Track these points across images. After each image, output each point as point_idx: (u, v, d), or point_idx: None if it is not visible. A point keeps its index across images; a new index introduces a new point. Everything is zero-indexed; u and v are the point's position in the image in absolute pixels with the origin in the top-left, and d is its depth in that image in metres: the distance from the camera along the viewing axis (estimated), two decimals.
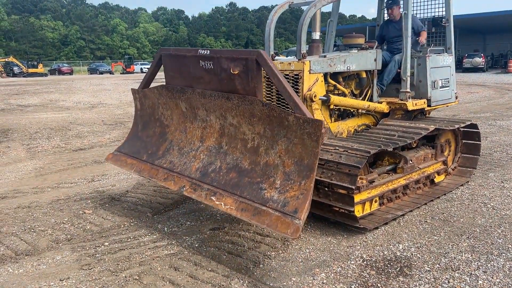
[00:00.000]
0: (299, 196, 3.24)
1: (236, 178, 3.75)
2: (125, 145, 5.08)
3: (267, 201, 3.38)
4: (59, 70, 50.53)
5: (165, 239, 4.09)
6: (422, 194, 5.17)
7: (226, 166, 3.90)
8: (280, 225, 3.18)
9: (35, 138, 9.62)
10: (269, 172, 3.56)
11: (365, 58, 5.17)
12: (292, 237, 3.08)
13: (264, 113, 3.57)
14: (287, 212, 3.21)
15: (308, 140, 3.31)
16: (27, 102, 17.85)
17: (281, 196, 3.35)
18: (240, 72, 3.66)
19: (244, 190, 3.61)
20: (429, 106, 5.66)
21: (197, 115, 4.32)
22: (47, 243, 4.05)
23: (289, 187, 3.36)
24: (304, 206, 3.16)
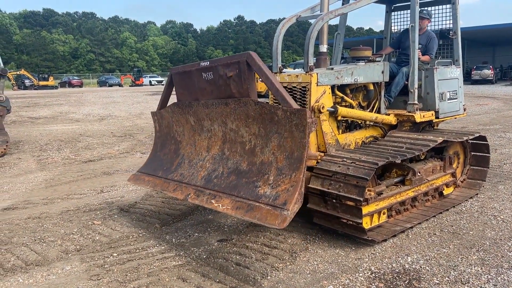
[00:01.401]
0: (289, 188, 3.33)
1: (235, 180, 3.84)
2: (145, 165, 5.17)
3: (260, 197, 3.47)
4: (69, 83, 51.22)
5: (173, 250, 4.11)
6: (431, 206, 5.14)
7: (227, 171, 4.00)
8: (269, 218, 3.26)
9: (45, 149, 9.73)
10: (264, 170, 3.66)
11: (373, 70, 5.20)
12: (279, 227, 3.14)
13: (257, 112, 3.69)
14: (277, 205, 3.29)
15: (296, 131, 3.39)
16: (37, 114, 18.08)
17: (273, 191, 3.44)
18: (234, 76, 3.80)
19: (241, 190, 3.70)
20: (437, 118, 5.65)
21: (204, 126, 4.41)
22: (56, 254, 4.08)
23: (281, 181, 3.44)
24: (293, 197, 3.22)
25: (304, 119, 3.31)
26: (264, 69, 3.57)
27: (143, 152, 9.25)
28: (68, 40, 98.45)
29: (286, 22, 4.97)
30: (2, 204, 5.70)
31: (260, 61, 3.61)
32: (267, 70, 3.59)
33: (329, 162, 4.35)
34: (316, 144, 4.72)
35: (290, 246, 4.14)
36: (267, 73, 3.58)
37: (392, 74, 5.75)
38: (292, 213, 3.17)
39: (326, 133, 4.69)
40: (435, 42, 5.91)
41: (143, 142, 10.58)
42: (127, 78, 58.28)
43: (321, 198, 4.24)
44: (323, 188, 4.18)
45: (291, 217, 3.16)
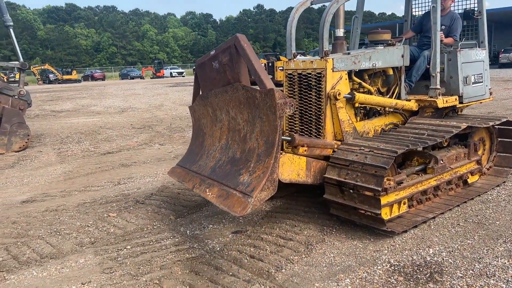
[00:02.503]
0: (260, 175, 3.25)
1: (229, 168, 3.79)
2: (182, 159, 5.16)
3: (238, 185, 3.42)
4: (92, 76, 51.95)
5: (187, 243, 4.05)
6: (455, 195, 4.93)
7: (227, 160, 3.95)
8: (235, 205, 3.21)
9: (66, 142, 9.84)
10: (249, 157, 3.59)
11: (392, 54, 4.98)
12: (238, 214, 3.08)
13: (245, 97, 3.60)
14: (246, 192, 3.23)
15: (270, 114, 3.29)
16: (60, 107, 18.37)
17: (249, 178, 3.37)
18: (227, 61, 3.72)
19: (229, 178, 3.65)
20: (460, 103, 5.40)
21: (217, 117, 4.33)
22: (71, 246, 4.07)
23: (257, 167, 3.37)
24: (260, 184, 3.15)
25: (273, 100, 3.20)
26: (248, 50, 3.45)
27: (161, 143, 9.24)
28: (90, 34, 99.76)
29: (299, 6, 4.79)
30: (22, 196, 5.76)
31: (246, 42, 3.50)
32: (250, 51, 3.47)
33: (346, 151, 4.19)
34: (332, 133, 4.56)
35: (306, 238, 4.02)
36: (249, 54, 3.45)
37: (413, 58, 5.52)
38: (257, 200, 3.09)
39: (343, 121, 4.53)
40: (459, 23, 5.63)
41: (161, 133, 10.58)
42: (148, 70, 58.73)
43: (338, 188, 4.09)
44: (340, 178, 4.04)
45: (254, 204, 3.08)
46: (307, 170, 4.20)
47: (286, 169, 4.02)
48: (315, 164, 4.29)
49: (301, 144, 4.21)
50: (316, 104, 4.54)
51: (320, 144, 4.37)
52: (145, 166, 7.17)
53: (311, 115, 4.62)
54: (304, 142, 4.24)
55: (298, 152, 4.21)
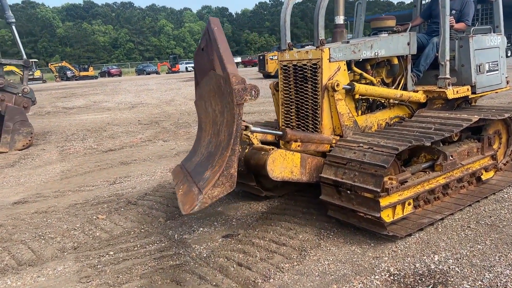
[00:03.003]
0: (217, 169, 2.98)
1: (205, 163, 3.53)
2: (186, 157, 4.94)
3: (200, 181, 3.18)
4: (108, 72, 52.32)
5: (172, 248, 3.79)
6: (466, 194, 4.55)
7: (206, 155, 3.70)
8: (187, 202, 2.98)
9: (70, 140, 9.72)
10: (217, 151, 3.33)
11: (396, 42, 4.60)
12: (184, 212, 2.85)
13: (217, 85, 3.33)
14: (201, 188, 3.00)
15: (230, 102, 3.00)
16: (72, 104, 18.38)
17: (209, 172, 3.13)
18: (205, 47, 3.39)
19: (199, 174, 3.41)
20: (473, 93, 4.99)
21: (207, 109, 4.08)
22: (52, 252, 3.86)
23: (217, 161, 3.12)
24: (213, 180, 2.86)
25: (230, 85, 2.88)
26: (217, 33, 3.13)
27: (165, 140, 9.02)
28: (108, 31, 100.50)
29: None
30: (15, 197, 5.61)
31: (216, 25, 3.20)
32: (219, 34, 3.15)
33: (343, 148, 3.86)
34: (331, 127, 4.24)
35: (300, 243, 3.72)
36: (217, 36, 3.13)
37: (422, 46, 5.13)
38: (208, 198, 2.82)
39: (342, 114, 4.19)
40: (471, 7, 5.20)
41: (167, 129, 10.37)
42: (163, 65, 58.81)
43: (335, 189, 3.77)
44: (337, 178, 3.72)
45: (204, 202, 2.81)
46: (302, 167, 3.90)
47: (278, 166, 3.72)
48: (311, 161, 3.97)
49: (294, 139, 3.91)
50: (313, 97, 4.21)
51: (316, 139, 4.06)
52: (145, 164, 6.95)
53: (308, 109, 4.30)
54: (297, 136, 3.94)
55: (291, 147, 3.91)
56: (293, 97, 4.43)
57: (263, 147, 3.93)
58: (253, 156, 3.92)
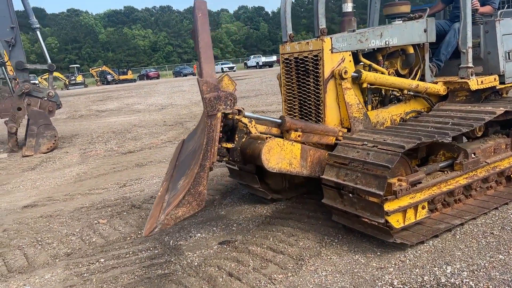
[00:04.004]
0: (185, 185, 2.72)
1: (188, 163, 3.32)
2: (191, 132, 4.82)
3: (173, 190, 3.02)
4: (147, 75, 53.35)
5: (164, 256, 3.58)
6: (494, 195, 4.08)
7: (193, 150, 3.47)
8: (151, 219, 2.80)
9: (94, 142, 9.79)
10: (196, 155, 3.08)
11: (411, 30, 4.19)
12: (144, 235, 2.69)
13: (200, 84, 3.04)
14: (167, 203, 2.82)
15: (204, 110, 2.75)
16: (105, 107, 18.73)
17: (181, 184, 2.91)
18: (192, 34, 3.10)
19: (177, 176, 3.25)
20: (502, 83, 4.48)
21: None
22: (45, 259, 3.75)
23: (187, 175, 2.90)
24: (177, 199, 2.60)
25: (202, 93, 2.58)
26: (200, 21, 2.76)
27: None
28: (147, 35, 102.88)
29: None
30: (26, 201, 5.60)
31: (202, 10, 2.81)
32: (202, 22, 2.78)
33: (346, 147, 3.52)
34: (338, 118, 3.88)
35: (300, 251, 3.41)
36: (200, 25, 2.76)
37: (444, 32, 4.68)
38: (170, 219, 2.53)
39: (351, 105, 3.83)
40: None
41: (190, 130, 10.24)
42: None
43: (337, 192, 3.44)
44: (338, 180, 3.38)
45: (165, 223, 2.54)
46: (302, 160, 3.57)
47: (274, 156, 3.41)
48: (313, 153, 3.64)
49: (294, 128, 3.60)
50: (315, 91, 3.88)
51: (319, 130, 3.72)
52: (159, 166, 6.82)
53: (310, 104, 3.97)
54: (297, 125, 3.62)
55: (290, 137, 3.60)
56: (296, 92, 4.12)
57: (260, 135, 3.59)
58: (249, 146, 3.57)
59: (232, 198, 4.90)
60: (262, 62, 53.12)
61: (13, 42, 9.07)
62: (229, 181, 5.35)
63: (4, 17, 8.89)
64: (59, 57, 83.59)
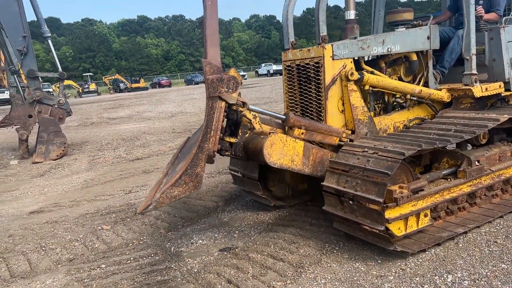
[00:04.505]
0: (183, 166, 2.73)
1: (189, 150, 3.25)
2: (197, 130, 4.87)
3: (171, 174, 2.99)
4: (159, 83, 53.82)
5: (165, 262, 3.59)
6: (499, 203, 4.02)
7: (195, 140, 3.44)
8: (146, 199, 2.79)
9: (103, 149, 9.89)
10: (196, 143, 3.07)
11: (414, 37, 4.17)
12: (138, 211, 2.70)
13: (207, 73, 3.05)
14: (162, 185, 2.81)
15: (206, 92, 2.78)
16: (117, 115, 18.92)
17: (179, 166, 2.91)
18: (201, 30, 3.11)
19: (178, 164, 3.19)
20: (507, 90, 4.43)
21: None
22: (47, 264, 3.79)
23: (187, 157, 2.86)
24: (174, 178, 2.60)
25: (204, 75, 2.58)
26: (209, 9, 2.78)
27: None
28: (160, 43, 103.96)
29: None
30: (33, 207, 5.67)
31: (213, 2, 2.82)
32: (211, 10, 2.80)
33: (347, 154, 3.50)
34: (339, 125, 3.87)
35: (300, 258, 3.39)
36: (208, 12, 2.77)
37: (448, 39, 4.65)
38: (165, 197, 2.58)
39: (356, 107, 3.82)
40: None
41: None
42: None
43: (337, 199, 3.42)
44: (338, 187, 3.37)
45: (160, 202, 2.61)
46: (305, 157, 3.56)
47: (276, 151, 3.40)
48: (316, 152, 3.64)
49: (297, 125, 3.61)
50: (316, 99, 3.88)
51: (322, 129, 3.72)
52: None
53: (312, 111, 3.97)
54: (301, 123, 3.63)
55: (293, 134, 3.60)
56: (298, 99, 4.13)
57: (263, 131, 3.61)
58: (252, 141, 3.56)
59: (235, 204, 4.90)
60: (273, 70, 53.33)
61: (25, 51, 9.24)
62: (233, 188, 5.36)
63: (17, 27, 9.07)
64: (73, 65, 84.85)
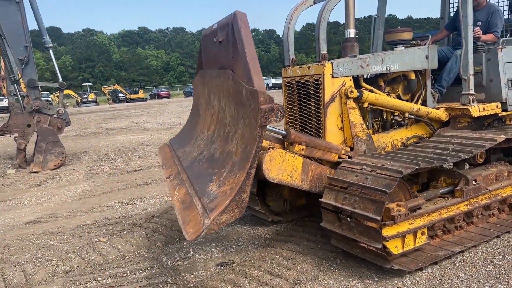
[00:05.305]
0: (227, 191, 2.63)
1: (205, 168, 3.25)
2: (175, 137, 4.85)
3: (204, 195, 2.83)
4: (158, 95, 53.99)
5: (162, 276, 3.58)
6: (496, 223, 4.04)
7: (207, 155, 3.43)
8: (191, 223, 2.62)
9: (101, 160, 9.88)
10: (225, 162, 3.02)
11: (412, 56, 4.24)
12: (188, 238, 2.47)
13: (234, 89, 3.04)
14: (207, 209, 2.63)
15: (252, 119, 2.70)
16: (115, 125, 18.94)
17: (217, 190, 2.79)
18: (224, 41, 3.15)
19: (200, 181, 3.08)
20: (504, 110, 4.49)
21: (211, 101, 3.92)
22: (43, 276, 3.77)
23: (227, 180, 2.78)
24: (223, 204, 2.52)
25: (257, 104, 2.60)
26: (243, 33, 2.83)
27: None
28: (160, 55, 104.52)
29: (299, 5, 4.23)
30: (30, 217, 5.65)
31: (244, 23, 2.87)
32: (246, 35, 2.84)
33: (345, 171, 3.53)
34: (342, 137, 3.91)
35: (297, 275, 3.39)
36: (244, 38, 2.82)
37: (446, 59, 4.73)
38: (215, 224, 2.47)
39: (355, 124, 3.86)
40: (498, 17, 4.74)
41: None
42: None
43: (335, 216, 3.43)
44: (337, 204, 3.38)
45: (210, 228, 2.47)
46: (303, 173, 3.58)
47: (276, 167, 3.41)
48: (315, 168, 3.66)
49: (298, 141, 3.63)
50: (316, 115, 3.92)
51: (322, 146, 3.74)
52: (163, 185, 6.86)
53: (311, 127, 4.01)
54: (301, 139, 3.65)
55: (294, 150, 3.62)
56: (297, 115, 4.17)
57: (262, 146, 3.65)
58: None
59: None
60: (272, 83, 53.59)
61: (27, 61, 9.28)
62: None
63: (19, 36, 9.13)
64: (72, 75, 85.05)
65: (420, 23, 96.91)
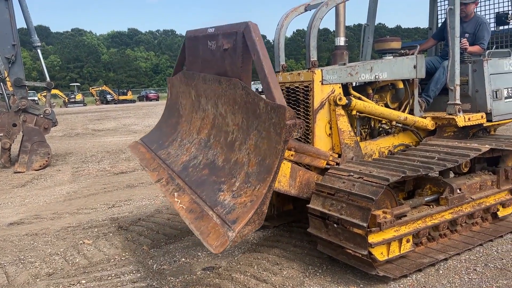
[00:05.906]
0: (247, 203, 2.59)
1: (206, 175, 3.20)
2: (148, 134, 4.81)
3: (217, 205, 2.78)
4: (146, 97, 53.67)
5: (147, 279, 3.56)
6: (479, 231, 4.11)
7: (205, 161, 3.37)
8: (211, 235, 2.55)
9: (88, 161, 9.79)
10: (234, 171, 2.97)
11: (400, 65, 4.29)
12: (215, 251, 2.40)
13: (243, 99, 3.01)
14: (227, 220, 2.57)
15: (274, 133, 2.67)
16: (102, 127, 18.79)
17: (232, 200, 2.73)
18: (230, 49, 3.13)
19: (205, 189, 3.04)
20: (489, 121, 4.57)
21: (200, 104, 3.87)
22: (25, 278, 3.71)
23: (244, 191, 2.73)
24: (247, 216, 2.48)
25: (282, 119, 2.59)
26: (258, 45, 2.84)
27: None
28: (149, 57, 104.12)
29: (290, 12, 4.26)
30: (13, 218, 5.57)
31: (258, 35, 2.88)
32: (261, 47, 2.84)
33: (333, 177, 3.55)
34: (330, 144, 3.94)
35: (283, 280, 3.40)
36: (260, 50, 2.82)
37: (434, 69, 4.80)
38: (239, 236, 2.45)
39: (343, 131, 3.89)
40: (485, 29, 4.83)
41: None
42: None
43: (322, 222, 3.45)
44: (324, 210, 3.41)
45: (235, 241, 2.44)
46: (291, 179, 3.60)
47: None
48: (303, 174, 3.67)
49: (287, 147, 3.63)
50: (304, 121, 3.93)
51: (311, 152, 3.76)
52: (150, 188, 6.82)
53: None
54: (291, 145, 3.66)
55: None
56: None
57: None
58: None
59: None
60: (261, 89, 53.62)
61: (14, 59, 9.16)
62: None
63: (6, 35, 9.01)
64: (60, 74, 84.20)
65: (408, 33, 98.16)
